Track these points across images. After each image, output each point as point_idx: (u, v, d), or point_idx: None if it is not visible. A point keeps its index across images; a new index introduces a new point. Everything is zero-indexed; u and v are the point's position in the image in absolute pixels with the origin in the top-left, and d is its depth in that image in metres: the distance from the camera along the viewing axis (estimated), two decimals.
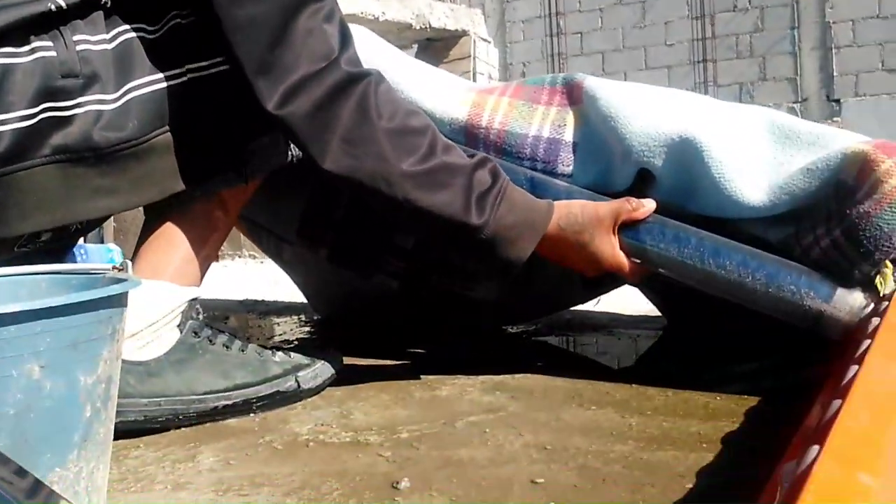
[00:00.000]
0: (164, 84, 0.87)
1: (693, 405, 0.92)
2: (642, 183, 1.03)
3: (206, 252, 1.00)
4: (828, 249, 0.90)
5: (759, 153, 0.97)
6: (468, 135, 1.09)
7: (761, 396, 0.94)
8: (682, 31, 5.78)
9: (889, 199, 0.84)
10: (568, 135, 1.07)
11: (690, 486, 0.70)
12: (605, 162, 1.05)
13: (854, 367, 0.54)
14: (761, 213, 0.94)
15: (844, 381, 0.52)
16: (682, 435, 0.82)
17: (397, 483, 0.72)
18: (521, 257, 0.94)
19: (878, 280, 0.86)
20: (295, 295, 1.72)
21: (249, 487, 0.73)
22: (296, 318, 1.65)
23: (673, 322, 1.40)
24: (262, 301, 1.96)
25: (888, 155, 0.86)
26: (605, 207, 0.96)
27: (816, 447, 0.39)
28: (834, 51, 5.33)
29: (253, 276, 2.96)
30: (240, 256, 3.50)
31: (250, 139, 0.93)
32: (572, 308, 1.45)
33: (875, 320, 0.70)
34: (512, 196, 0.93)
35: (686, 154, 0.97)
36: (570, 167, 1.06)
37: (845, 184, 0.90)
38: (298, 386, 0.99)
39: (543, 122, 1.08)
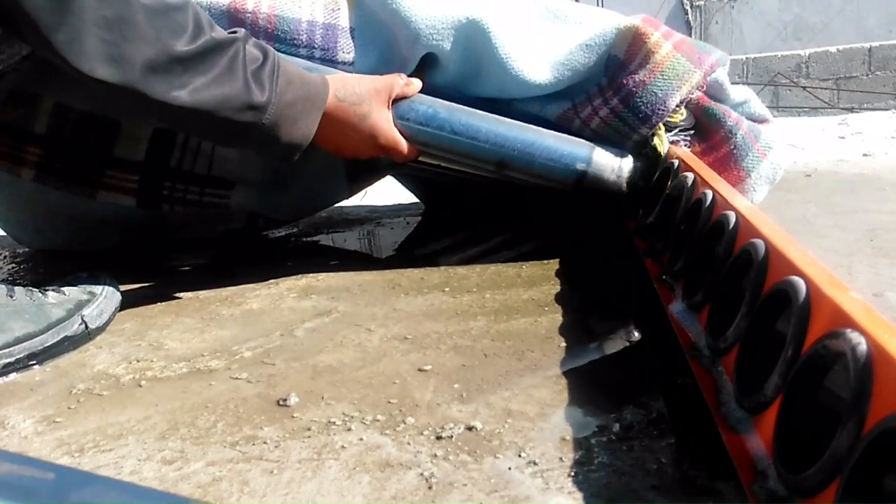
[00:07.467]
0: None
1: (507, 277, 0.97)
2: (424, 69, 1.03)
3: None
4: (607, 118, 0.98)
5: (538, 33, 1.01)
6: (232, 20, 0.98)
7: (549, 259, 1.02)
8: None
9: (660, 68, 0.95)
10: (343, 20, 1.01)
11: (564, 344, 0.74)
12: (387, 48, 1.01)
13: (709, 191, 0.63)
14: (547, 90, 1.00)
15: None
16: (519, 303, 0.87)
17: (284, 400, 0.67)
18: (306, 137, 0.88)
19: (655, 141, 0.97)
20: None
21: (111, 442, 0.62)
22: None
23: (431, 207, 1.45)
24: None
25: (654, 28, 0.96)
26: (380, 80, 0.95)
27: (802, 279, 0.45)
28: None
29: None
30: None
31: None
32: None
33: (675, 160, 0.81)
34: (287, 69, 0.86)
35: (473, 36, 0.98)
36: (351, 54, 1.01)
37: (616, 58, 0.98)
38: (86, 326, 0.85)
39: (315, 6, 1.00)
